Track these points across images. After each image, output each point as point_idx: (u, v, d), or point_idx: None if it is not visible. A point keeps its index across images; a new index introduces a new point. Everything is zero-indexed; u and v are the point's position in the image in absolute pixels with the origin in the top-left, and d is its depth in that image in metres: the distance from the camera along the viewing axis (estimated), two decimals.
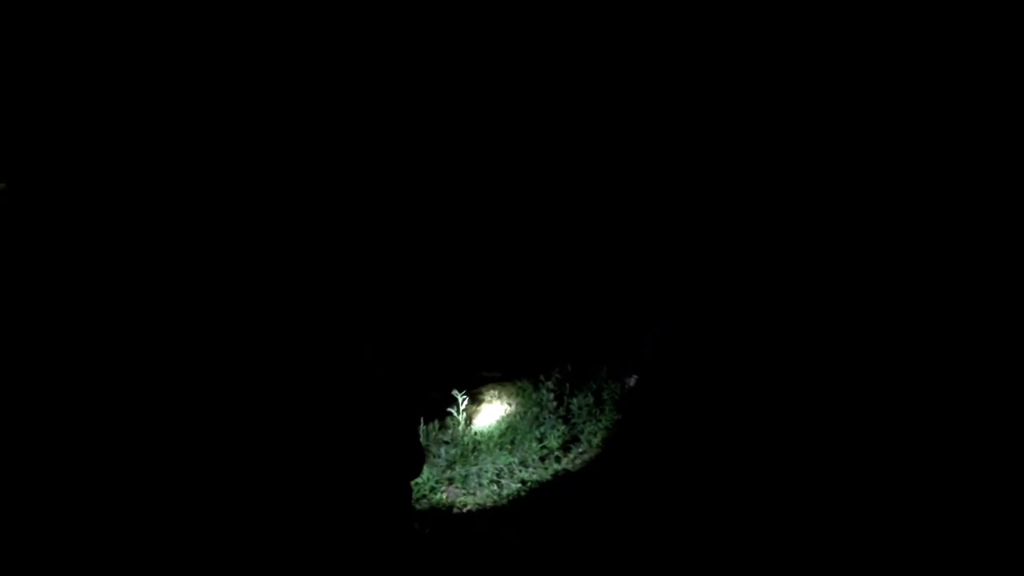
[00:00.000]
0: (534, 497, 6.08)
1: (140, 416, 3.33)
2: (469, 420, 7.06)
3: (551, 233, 6.10)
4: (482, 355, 7.32)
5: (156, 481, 3.28)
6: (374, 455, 4.28)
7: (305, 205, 4.44)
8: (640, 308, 6.47)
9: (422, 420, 6.91)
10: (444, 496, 6.10)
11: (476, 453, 6.62)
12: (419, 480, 6.06)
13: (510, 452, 6.65)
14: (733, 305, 5.16)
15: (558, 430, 6.83)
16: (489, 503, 6.04)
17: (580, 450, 6.68)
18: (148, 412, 3.35)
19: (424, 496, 6.08)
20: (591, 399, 7.12)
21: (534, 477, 6.30)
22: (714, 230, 5.01)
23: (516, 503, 6.03)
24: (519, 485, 6.18)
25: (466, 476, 6.32)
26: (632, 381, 6.79)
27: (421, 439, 6.19)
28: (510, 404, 7.28)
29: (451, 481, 6.31)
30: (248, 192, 4.13)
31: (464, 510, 5.96)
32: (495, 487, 6.19)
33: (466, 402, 7.06)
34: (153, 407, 3.36)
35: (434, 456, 6.48)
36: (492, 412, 7.23)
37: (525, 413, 7.06)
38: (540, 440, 6.77)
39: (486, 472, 6.33)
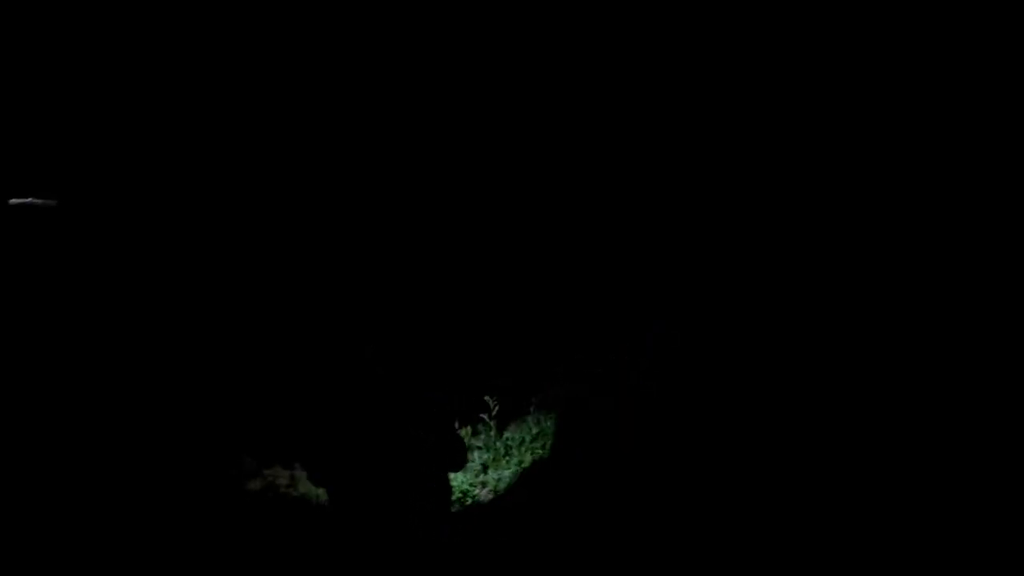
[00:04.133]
0: (568, 498, 6.18)
1: (145, 421, 3.51)
2: (501, 425, 7.23)
3: (572, 241, 6.23)
4: (510, 362, 7.48)
5: (173, 481, 3.45)
6: (402, 445, 4.44)
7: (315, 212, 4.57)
8: (653, 309, 6.52)
9: (457, 425, 7.13)
10: (478, 496, 6.28)
11: (508, 457, 6.78)
12: (454, 483, 6.26)
13: (543, 455, 6.78)
14: (733, 305, 5.20)
15: None
16: (523, 505, 6.18)
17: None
18: (152, 416, 3.53)
19: (458, 499, 6.27)
20: None
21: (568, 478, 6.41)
22: (713, 231, 5.08)
23: (550, 504, 6.14)
24: (552, 487, 6.30)
25: (499, 479, 6.49)
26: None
27: None
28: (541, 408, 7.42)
29: (484, 485, 6.49)
30: (253, 194, 4.27)
31: (498, 512, 6.12)
32: (528, 489, 6.33)
33: (497, 408, 7.24)
34: (155, 410, 3.54)
35: (468, 460, 6.67)
36: (523, 417, 7.38)
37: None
38: None
39: (519, 475, 6.48)
